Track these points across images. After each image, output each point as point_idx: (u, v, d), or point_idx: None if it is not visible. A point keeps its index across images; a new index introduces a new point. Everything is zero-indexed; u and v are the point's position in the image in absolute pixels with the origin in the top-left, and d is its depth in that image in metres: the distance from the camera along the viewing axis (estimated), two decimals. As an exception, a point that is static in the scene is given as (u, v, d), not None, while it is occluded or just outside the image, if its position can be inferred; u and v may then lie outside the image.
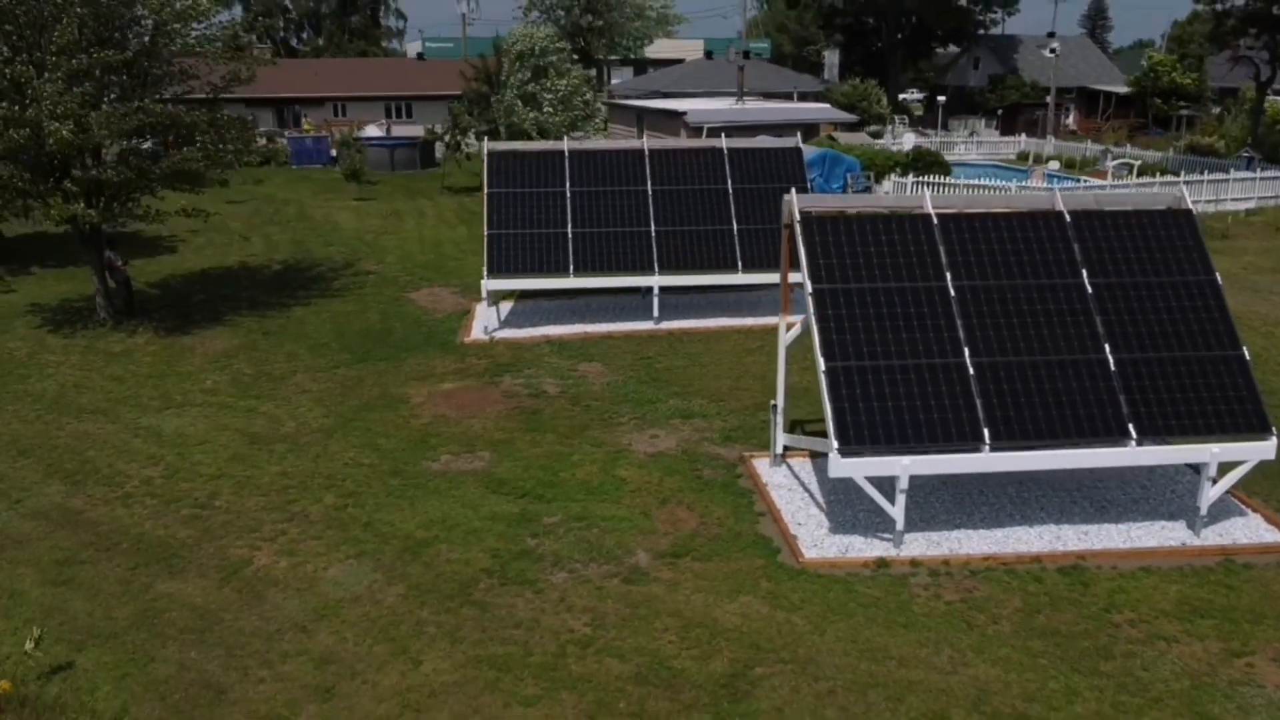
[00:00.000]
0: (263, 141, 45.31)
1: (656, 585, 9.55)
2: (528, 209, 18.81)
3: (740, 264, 18.62)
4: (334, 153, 43.06)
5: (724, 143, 20.09)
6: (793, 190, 11.51)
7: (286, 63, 49.34)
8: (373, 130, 45.60)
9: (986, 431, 10.12)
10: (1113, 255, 11.30)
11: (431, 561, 10.00)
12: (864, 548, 10.32)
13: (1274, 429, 10.45)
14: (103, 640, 8.70)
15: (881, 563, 10.00)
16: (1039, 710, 7.72)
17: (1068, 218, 11.51)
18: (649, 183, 19.27)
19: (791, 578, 9.69)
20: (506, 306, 20.25)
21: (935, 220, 11.38)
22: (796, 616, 9.01)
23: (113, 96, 17.08)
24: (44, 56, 16.36)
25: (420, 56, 55.45)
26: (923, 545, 10.35)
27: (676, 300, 20.00)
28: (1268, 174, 31.37)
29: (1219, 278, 11.31)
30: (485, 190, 19.08)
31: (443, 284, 22.50)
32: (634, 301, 19.89)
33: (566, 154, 19.54)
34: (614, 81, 45.29)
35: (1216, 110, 53.78)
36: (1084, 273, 11.15)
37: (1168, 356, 10.70)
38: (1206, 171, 31.14)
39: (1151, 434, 10.33)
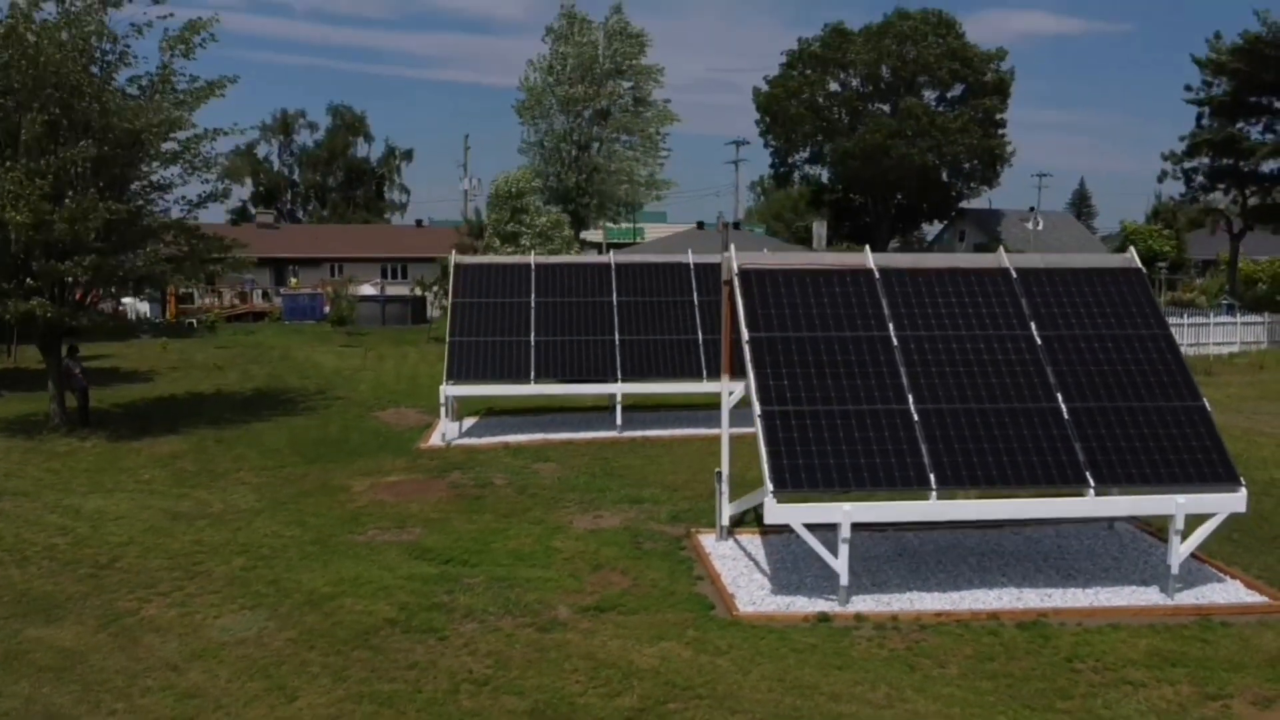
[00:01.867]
0: (260, 298, 46.18)
1: (572, 633, 8.70)
2: (492, 318, 18.70)
3: (705, 373, 18.28)
4: (327, 309, 43.71)
5: (690, 258, 20.21)
6: (732, 247, 11.34)
7: (287, 227, 50.92)
8: (367, 289, 46.51)
9: (933, 477, 9.49)
10: (1062, 309, 10.98)
11: (332, 612, 9.17)
12: (806, 606, 9.47)
13: (1243, 480, 9.80)
14: (-50, 678, 7.84)
15: (823, 617, 9.14)
16: (982, 740, 6.78)
17: (1014, 274, 11.27)
18: (614, 294, 19.24)
19: (722, 628, 8.83)
20: (471, 422, 19.81)
21: (877, 275, 11.14)
22: (721, 659, 8.12)
23: (76, 193, 17.24)
24: (13, 151, 16.69)
25: (419, 223, 57.32)
26: (871, 604, 9.50)
27: (643, 416, 19.59)
28: (1248, 319, 31.47)
29: (1172, 332, 10.94)
30: (450, 300, 19.04)
31: (411, 405, 22.12)
32: (599, 416, 19.46)
33: (533, 267, 19.63)
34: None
35: (1199, 281, 54.83)
36: (1033, 325, 10.79)
37: (1124, 406, 10.19)
38: (1186, 314, 31.26)
39: (1111, 482, 9.67)
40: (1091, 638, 8.69)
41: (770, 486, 9.30)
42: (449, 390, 17.88)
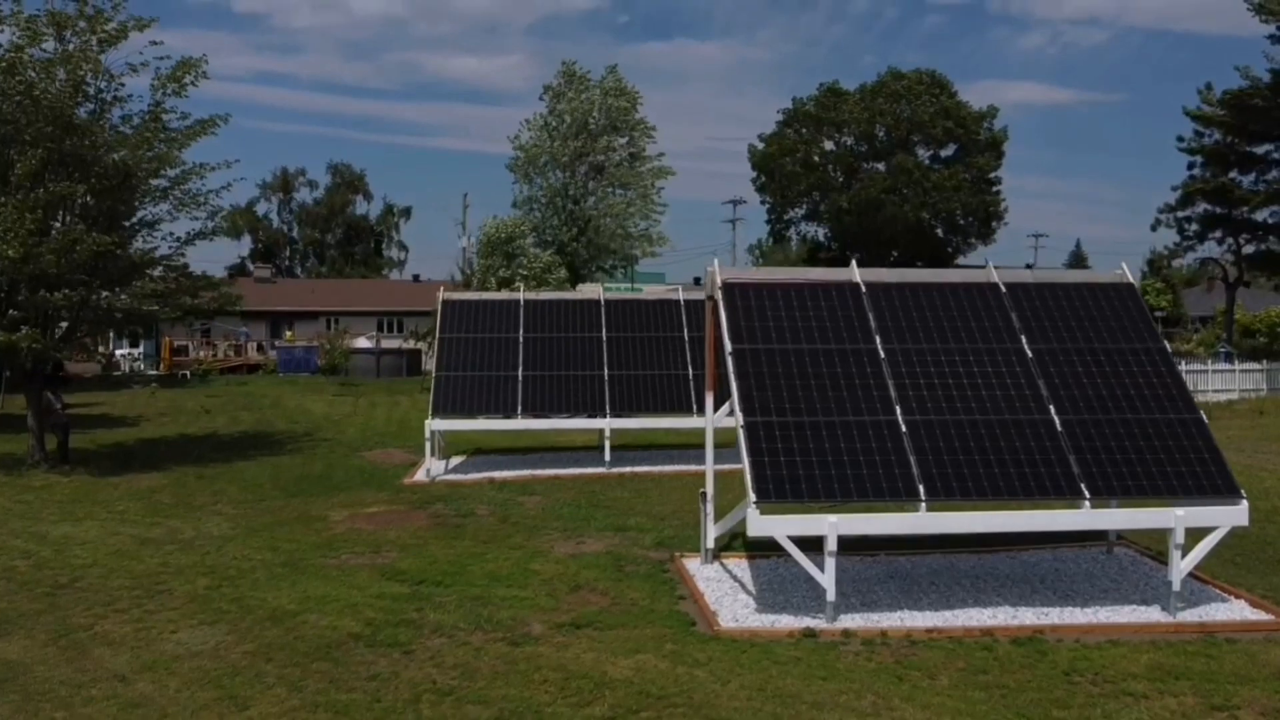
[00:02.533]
0: (254, 351, 46.03)
1: (545, 646, 8.28)
2: (479, 353, 18.47)
3: (695, 407, 17.95)
4: (321, 361, 43.53)
5: (680, 295, 20.05)
6: (716, 261, 11.14)
7: (284, 282, 50.96)
8: (363, 342, 46.38)
9: (922, 489, 9.15)
10: (1054, 323, 10.74)
11: (295, 627, 8.76)
12: (792, 623, 9.05)
13: (1243, 493, 9.46)
14: (-116, 688, 7.42)
15: (809, 633, 8.72)
16: (973, 746, 6.36)
17: (1003, 289, 11.06)
18: (604, 329, 19.03)
19: (702, 643, 8.42)
20: (458, 460, 19.44)
21: (864, 289, 10.93)
22: (700, 671, 7.70)
23: (65, 224, 17.13)
24: (4, 185, 16.62)
25: (416, 279, 57.48)
26: (860, 622, 9.08)
27: (633, 455, 19.25)
28: (1246, 366, 31.23)
29: (1167, 345, 10.69)
30: (437, 335, 18.83)
31: (399, 446, 21.75)
32: (588, 455, 19.11)
33: (521, 303, 19.45)
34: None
35: (1196, 335, 54.73)
36: (1023, 339, 10.54)
37: (1119, 419, 9.89)
38: (1184, 361, 31.02)
39: (1107, 494, 9.33)
40: (1090, 653, 8.27)
41: (753, 497, 8.96)
42: (434, 425, 17.57)
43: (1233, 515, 9.37)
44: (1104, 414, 9.91)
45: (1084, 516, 9.34)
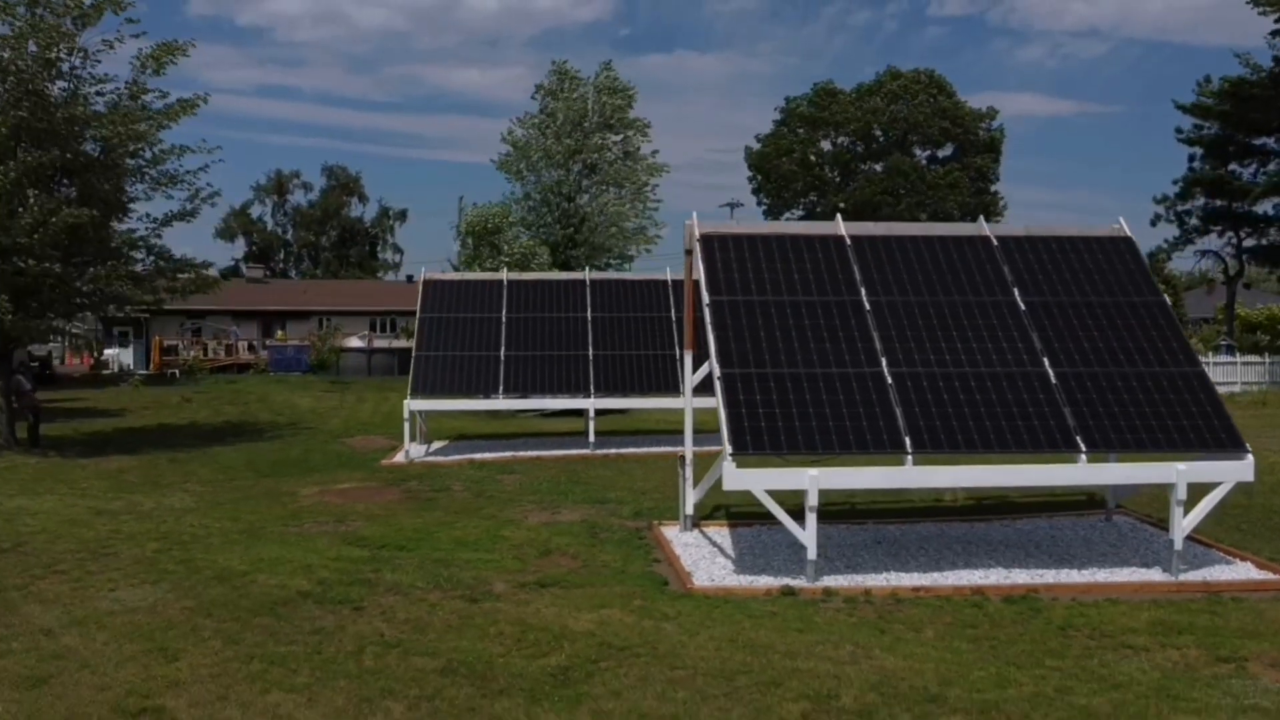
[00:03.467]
0: (246, 350, 45.52)
1: (505, 603, 7.77)
2: (460, 333, 17.99)
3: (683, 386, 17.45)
4: (310, 359, 43.01)
5: (668, 275, 19.58)
6: (694, 214, 10.66)
7: (276, 282, 50.50)
8: (355, 342, 45.89)
9: (909, 441, 8.64)
10: (1048, 276, 10.26)
11: (241, 586, 8.25)
12: (770, 583, 8.53)
13: (1249, 447, 8.96)
14: None
15: (787, 590, 8.20)
16: (958, 692, 5.83)
17: (995, 242, 10.57)
18: (589, 309, 18.56)
19: (673, 599, 7.91)
20: (440, 445, 18.93)
21: (849, 241, 10.44)
22: (667, 624, 7.19)
23: (40, 195, 16.64)
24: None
25: (409, 279, 56.95)
26: (843, 582, 8.56)
27: (620, 439, 18.75)
28: (1248, 359, 30.73)
29: (1167, 300, 10.20)
30: (418, 315, 18.36)
31: (382, 434, 21.24)
32: (574, 439, 18.61)
33: (505, 283, 18.99)
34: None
35: (1197, 333, 54.22)
36: (1016, 291, 10.06)
37: (1116, 372, 9.39)
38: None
39: (1105, 447, 8.83)
40: (1087, 610, 7.75)
41: (729, 449, 8.46)
42: (413, 404, 17.09)
43: (1238, 470, 8.86)
44: (1100, 367, 9.42)
45: (1080, 471, 8.83)
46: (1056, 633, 7.14)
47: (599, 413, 23.51)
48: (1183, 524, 8.73)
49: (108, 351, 46.52)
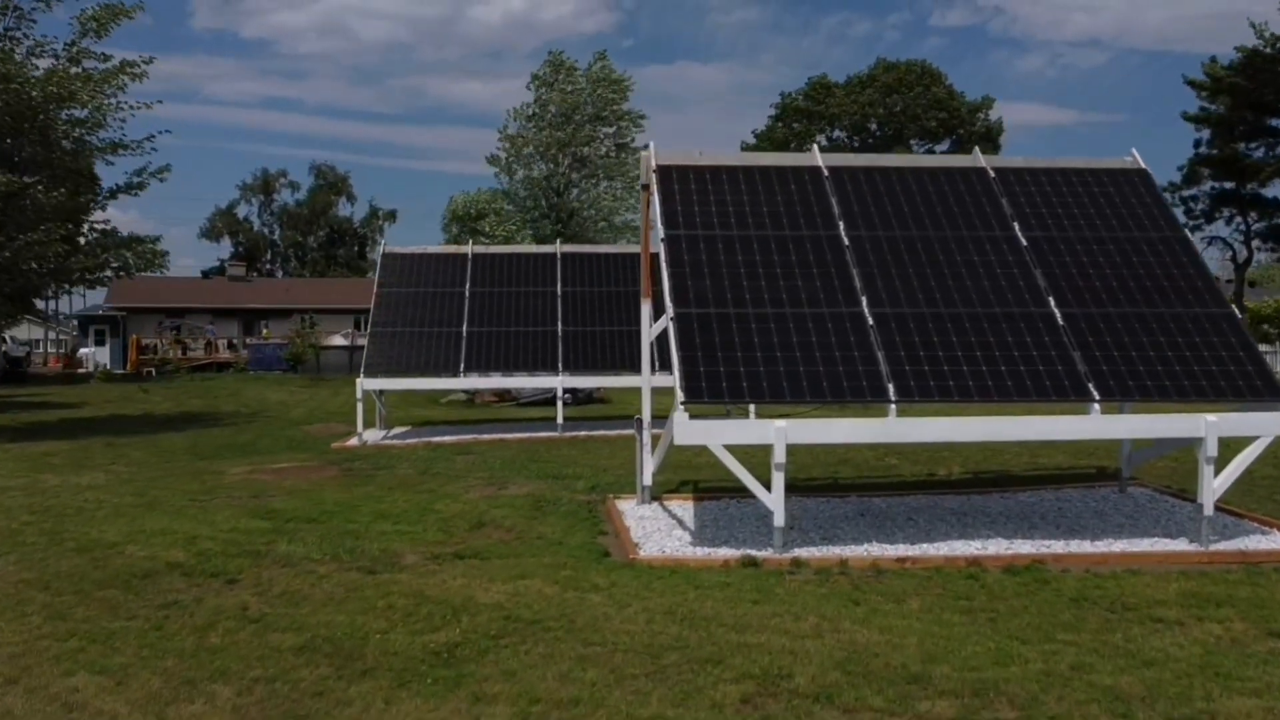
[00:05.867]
0: (225, 349, 44.30)
1: (408, 574, 6.51)
2: (420, 308, 16.76)
3: (658, 363, 16.19)
4: (284, 355, 41.73)
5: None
6: (651, 144, 9.42)
7: (259, 280, 49.31)
8: (338, 339, 44.61)
9: (892, 388, 7.38)
10: (1052, 210, 9.01)
11: (103, 558, 6.99)
12: (729, 554, 7.25)
13: (1289, 396, 7.69)
14: None
15: (748, 561, 6.93)
16: (946, 670, 4.56)
17: (991, 173, 9.32)
18: (559, 284, 17.31)
19: (608, 570, 6.63)
20: (401, 430, 17.67)
21: (826, 172, 9.20)
22: (595, 595, 5.92)
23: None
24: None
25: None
26: (816, 553, 7.28)
27: (592, 423, 17.49)
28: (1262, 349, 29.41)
29: (1189, 235, 8.95)
30: (374, 290, 17.13)
31: (343, 421, 19.96)
32: (543, 424, 17.34)
33: (470, 256, 17.75)
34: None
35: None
36: (1016, 225, 8.81)
37: (1133, 312, 8.14)
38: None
39: (1121, 396, 7.57)
40: (1104, 582, 6.48)
41: (681, 397, 7.20)
42: (366, 384, 15.86)
43: (1276, 423, 7.59)
44: (1115, 307, 8.16)
45: (1094, 423, 7.57)
46: (1069, 605, 5.88)
47: (581, 402, 22.46)
48: (1213, 485, 7.46)
49: (83, 350, 45.37)
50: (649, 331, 9.61)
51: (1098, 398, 7.46)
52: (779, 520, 7.23)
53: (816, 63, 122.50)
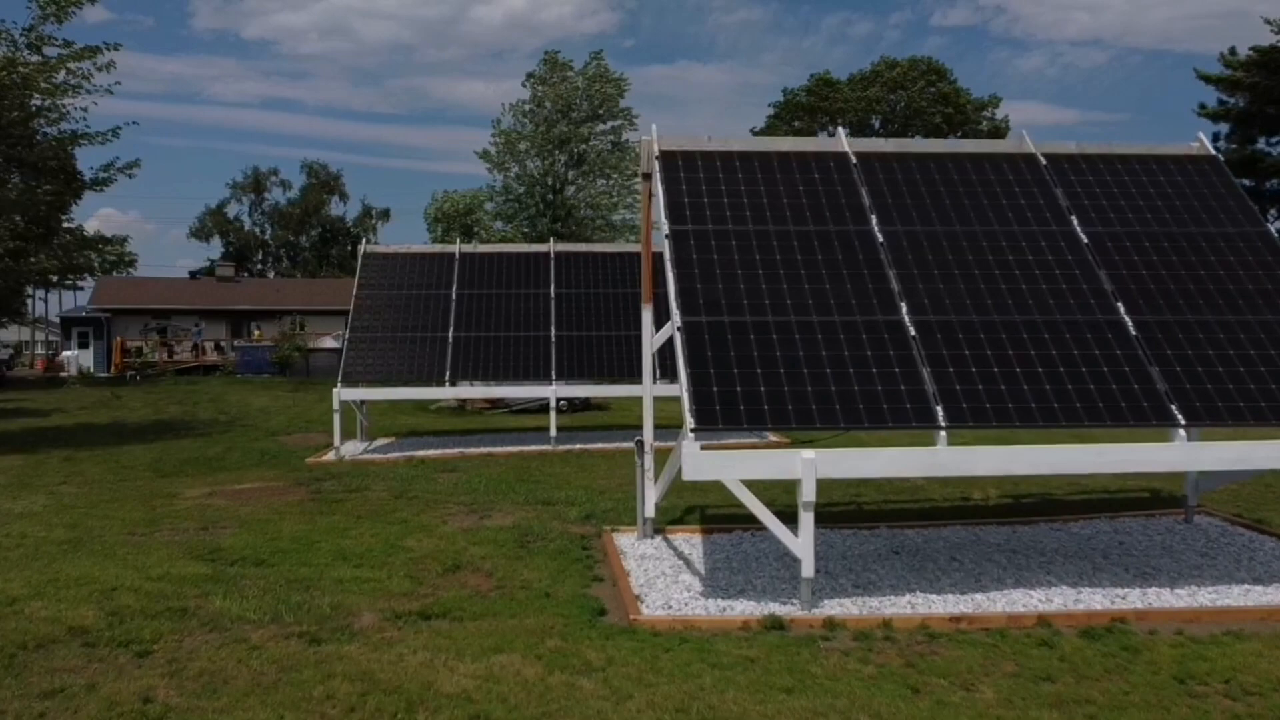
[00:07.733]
0: (213, 352, 43.11)
1: (359, 645, 5.33)
2: (403, 312, 15.57)
3: (660, 371, 15.04)
4: (272, 358, 40.55)
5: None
6: (654, 128, 8.25)
7: (248, 280, 48.10)
8: (329, 341, 43.42)
9: (941, 412, 6.22)
10: (1114, 203, 7.85)
11: (-3, 620, 5.81)
12: (751, 609, 6.09)
13: (1404, 419, 6.53)
14: None
15: (773, 622, 5.76)
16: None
17: (1043, 161, 8.16)
18: (553, 286, 16.14)
19: (605, 637, 5.46)
20: (384, 441, 16.51)
21: (854, 159, 8.03)
22: (587, 680, 4.75)
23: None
24: None
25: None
26: (852, 609, 6.12)
27: (588, 435, 16.36)
28: None
29: (1273, 230, 7.79)
30: (354, 293, 15.95)
31: (322, 429, 18.79)
32: (536, 435, 16.20)
33: (457, 256, 16.57)
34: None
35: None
36: (1074, 220, 7.64)
37: (1216, 320, 6.98)
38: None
39: (1210, 419, 6.40)
40: (1206, 650, 5.32)
41: (690, 423, 6.04)
42: (344, 394, 14.67)
43: (1392, 450, 6.43)
44: (1193, 314, 7.01)
45: (1179, 451, 6.40)
46: (1175, 688, 4.72)
47: (577, 409, 21.29)
48: (1319, 525, 6.31)
49: (65, 353, 44.15)
50: (651, 342, 8.44)
51: (1183, 422, 6.31)
52: (807, 570, 6.06)
53: (818, 62, 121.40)
